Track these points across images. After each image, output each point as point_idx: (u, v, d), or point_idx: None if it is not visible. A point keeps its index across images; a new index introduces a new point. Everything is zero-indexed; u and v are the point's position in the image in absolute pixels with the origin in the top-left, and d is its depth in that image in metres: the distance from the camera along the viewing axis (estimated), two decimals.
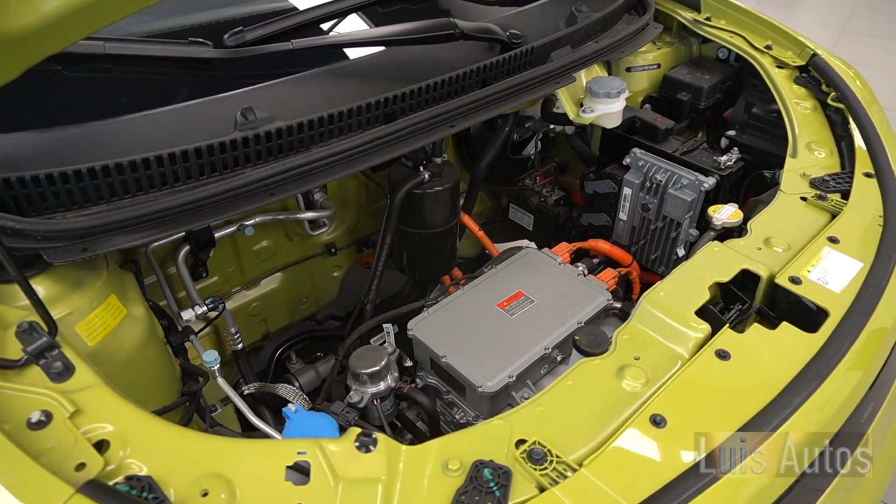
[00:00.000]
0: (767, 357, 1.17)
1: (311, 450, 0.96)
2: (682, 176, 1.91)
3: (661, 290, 1.31)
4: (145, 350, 1.36)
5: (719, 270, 1.37)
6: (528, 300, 1.87)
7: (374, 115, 1.46)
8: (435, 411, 1.69)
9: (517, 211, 2.52)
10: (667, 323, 1.24)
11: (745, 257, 1.41)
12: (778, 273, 1.37)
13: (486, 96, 1.56)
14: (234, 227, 1.82)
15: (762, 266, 1.38)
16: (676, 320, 1.24)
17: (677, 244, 2.00)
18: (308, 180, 1.34)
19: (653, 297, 1.29)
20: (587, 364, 1.19)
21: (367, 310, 2.03)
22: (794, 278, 1.34)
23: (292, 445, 0.97)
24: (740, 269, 1.37)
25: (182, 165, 1.27)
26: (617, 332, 1.25)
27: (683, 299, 1.29)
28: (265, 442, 0.96)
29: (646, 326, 1.25)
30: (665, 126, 2.11)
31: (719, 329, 1.24)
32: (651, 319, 1.26)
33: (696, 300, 1.28)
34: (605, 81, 1.82)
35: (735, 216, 1.62)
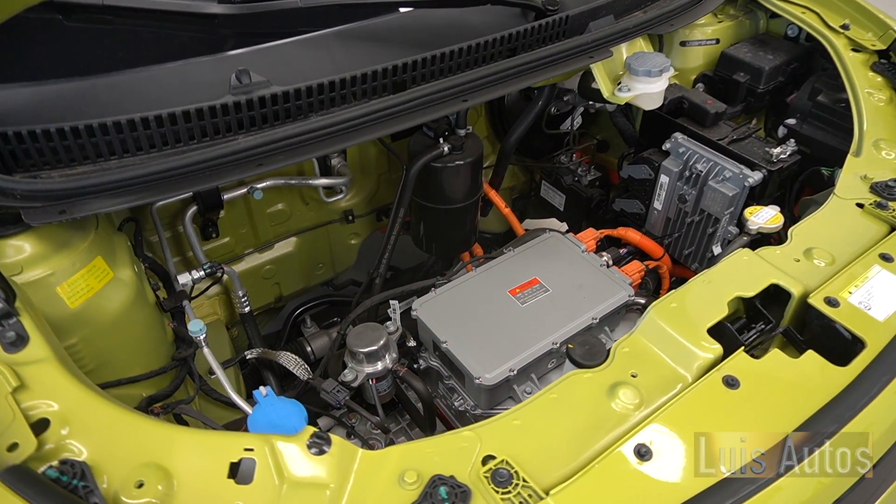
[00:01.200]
0: (782, 390, 1.04)
1: (259, 446, 0.91)
2: (726, 168, 1.73)
3: (674, 301, 1.18)
4: (132, 313, 1.34)
5: (745, 283, 1.22)
6: (543, 289, 1.76)
7: (381, 83, 1.36)
8: (430, 398, 1.62)
9: (549, 189, 2.38)
10: (674, 339, 1.12)
11: (777, 269, 1.25)
12: (814, 291, 1.21)
13: (505, 69, 1.43)
14: (243, 190, 1.77)
15: (796, 282, 1.23)
16: (685, 337, 1.12)
17: (714, 241, 1.83)
18: (302, 151, 1.26)
19: (662, 308, 1.16)
20: (578, 377, 1.08)
21: (376, 283, 1.97)
22: (831, 299, 1.18)
23: (240, 440, 0.91)
24: (769, 284, 1.22)
25: (170, 128, 1.21)
26: (616, 343, 1.14)
27: (697, 313, 1.15)
28: (212, 434, 0.92)
29: (650, 340, 1.13)
30: (715, 110, 1.92)
31: (734, 351, 1.11)
32: (657, 333, 1.13)
33: (712, 316, 1.15)
34: (646, 58, 1.64)
35: (774, 221, 1.45)
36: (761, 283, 1.22)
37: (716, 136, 1.90)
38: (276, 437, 0.93)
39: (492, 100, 1.76)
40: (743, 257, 1.28)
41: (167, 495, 0.84)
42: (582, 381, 1.07)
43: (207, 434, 0.92)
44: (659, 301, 1.18)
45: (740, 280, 1.23)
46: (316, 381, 1.62)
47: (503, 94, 1.46)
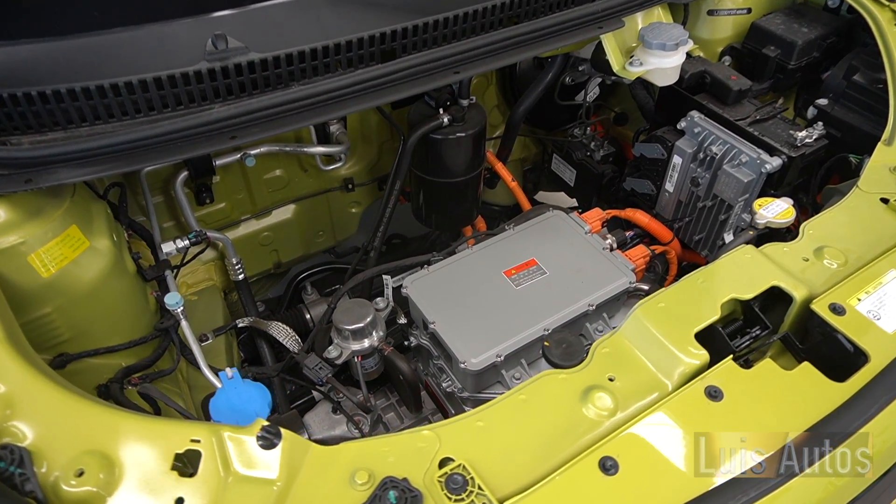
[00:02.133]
0: (769, 406, 0.96)
1: (206, 437, 0.88)
2: (743, 151, 1.61)
3: (662, 301, 1.10)
4: (109, 283, 1.32)
5: (744, 283, 1.13)
6: (540, 271, 1.69)
7: (367, 51, 1.27)
8: (415, 379, 1.59)
9: (560, 163, 2.27)
10: (658, 341, 1.05)
11: (781, 270, 1.16)
12: (819, 296, 1.12)
13: (503, 39, 1.33)
14: (236, 156, 1.72)
15: (800, 284, 1.14)
16: (671, 340, 1.04)
17: (726, 228, 1.73)
18: (279, 123, 1.20)
19: (649, 308, 1.09)
20: (551, 377, 1.02)
21: (371, 257, 1.92)
22: (837, 306, 1.09)
23: (188, 430, 0.89)
24: (770, 286, 1.13)
25: (142, 95, 1.15)
26: (597, 342, 1.07)
27: (687, 315, 1.08)
28: (160, 422, 0.89)
29: (632, 341, 1.06)
30: (739, 87, 1.78)
31: (723, 358, 1.03)
32: (640, 334, 1.06)
33: (702, 318, 1.07)
34: (662, 29, 1.52)
35: (784, 215, 1.34)
36: (761, 284, 1.13)
37: (737, 115, 1.77)
38: (224, 428, 0.90)
39: (502, 67, 1.66)
40: (745, 255, 1.19)
41: (108, 484, 0.82)
42: (555, 383, 1.02)
43: (155, 422, 0.89)
44: (646, 299, 1.10)
45: (739, 280, 1.14)
46: (300, 355, 1.60)
47: (500, 67, 1.36)
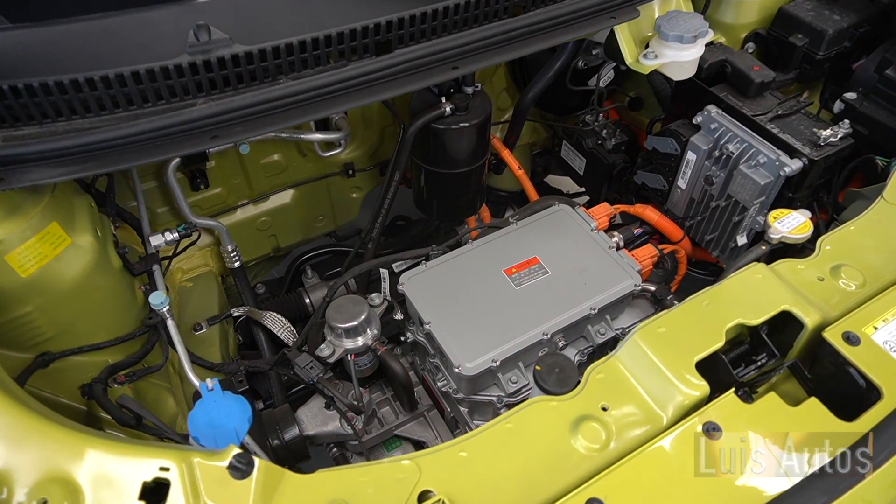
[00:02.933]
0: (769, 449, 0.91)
1: (176, 464, 0.85)
2: (761, 151, 1.52)
3: (663, 326, 1.04)
4: (93, 280, 1.28)
5: (751, 307, 1.07)
6: (542, 270, 1.63)
7: (361, 43, 1.19)
8: (409, 381, 1.55)
9: (570, 151, 2.18)
10: (656, 369, 0.99)
11: (793, 291, 1.09)
12: (833, 322, 1.05)
13: (507, 31, 1.24)
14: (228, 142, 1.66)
15: (813, 308, 1.07)
16: (670, 368, 0.98)
17: (739, 230, 1.65)
18: (264, 123, 1.13)
19: (648, 332, 1.03)
20: (541, 405, 0.97)
21: (368, 248, 1.87)
22: (851, 336, 1.02)
23: (157, 456, 0.85)
24: (780, 310, 1.06)
25: (120, 90, 1.09)
26: (592, 367, 1.02)
27: (688, 342, 1.02)
28: (129, 447, 0.85)
29: (628, 368, 1.00)
30: (761, 79, 1.68)
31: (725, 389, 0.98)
32: (638, 360, 1.01)
33: (705, 346, 1.01)
34: (680, 19, 1.41)
35: (800, 230, 1.26)
36: (771, 308, 1.06)
37: (758, 109, 1.67)
38: (195, 454, 0.86)
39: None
40: (756, 275, 1.11)
41: None
42: (545, 411, 0.97)
43: (123, 447, 0.86)
44: (647, 322, 1.04)
45: (747, 303, 1.07)
46: (292, 353, 1.56)
47: (501, 62, 1.28)
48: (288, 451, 1.56)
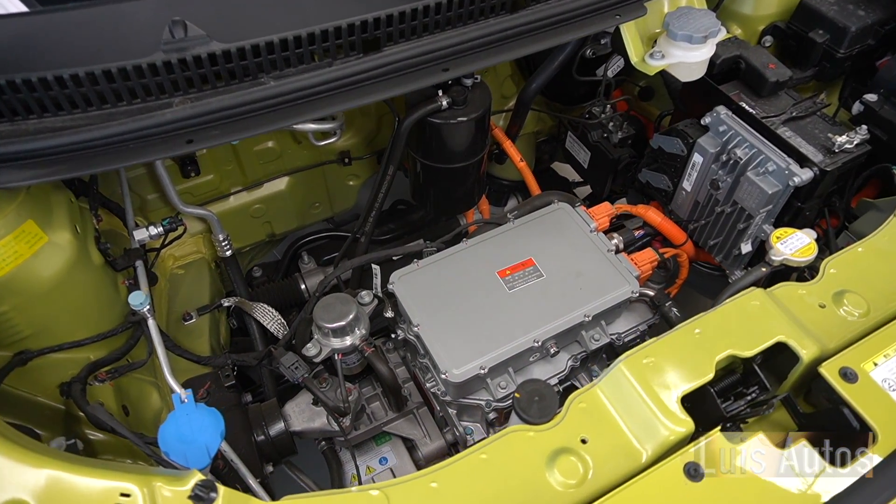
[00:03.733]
0: (755, 493, 0.87)
1: (139, 488, 0.83)
2: (770, 158, 1.44)
3: (651, 355, 0.99)
4: (73, 277, 1.25)
5: (745, 336, 1.02)
6: (536, 272, 1.58)
7: (347, 41, 1.13)
8: (395, 384, 1.52)
9: (574, 143, 2.11)
10: (639, 402, 0.95)
11: (790, 320, 1.04)
12: (830, 356, 1.00)
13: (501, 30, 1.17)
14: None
15: (810, 340, 1.01)
16: (654, 402, 0.94)
17: (744, 238, 1.58)
18: (241, 127, 1.08)
19: (634, 361, 0.98)
20: (518, 435, 0.94)
21: (361, 242, 1.83)
22: (848, 372, 0.97)
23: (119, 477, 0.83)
24: (775, 341, 1.01)
25: (91, 88, 1.04)
26: (573, 396, 0.98)
27: (675, 374, 0.97)
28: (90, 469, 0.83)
29: (611, 399, 0.96)
30: (776, 77, 1.59)
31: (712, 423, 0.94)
32: (622, 391, 0.96)
33: (693, 378, 0.96)
34: (690, 17, 1.33)
35: (804, 252, 1.19)
36: (766, 338, 1.01)
37: (771, 109, 1.59)
38: (158, 479, 0.84)
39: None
40: (752, 301, 1.06)
41: None
42: (522, 441, 0.93)
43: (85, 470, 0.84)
44: (633, 351, 1.00)
45: (740, 332, 1.02)
46: (278, 351, 1.54)
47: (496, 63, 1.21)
48: (273, 447, 1.54)
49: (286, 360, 1.50)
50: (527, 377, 1.55)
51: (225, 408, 1.57)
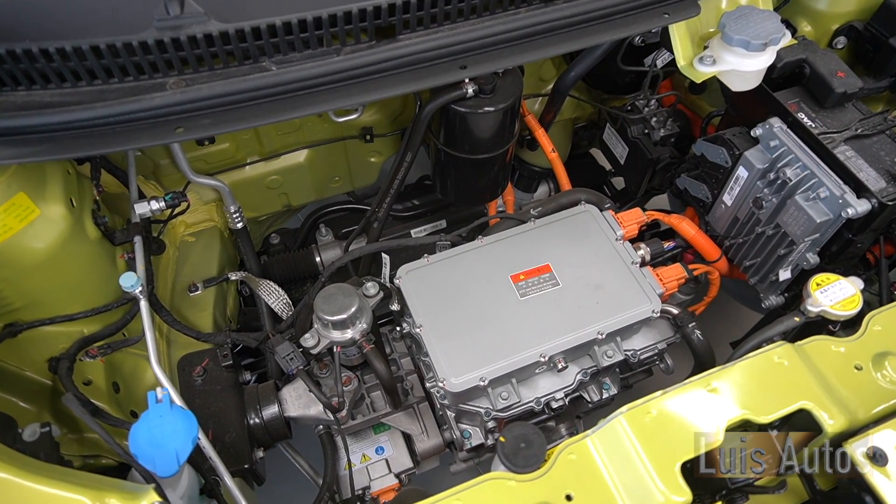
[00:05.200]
0: None
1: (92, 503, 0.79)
2: (823, 183, 1.29)
3: (655, 408, 0.90)
4: (66, 251, 1.21)
5: (764, 398, 0.91)
6: (552, 280, 1.49)
7: (357, 27, 1.03)
8: (392, 383, 1.47)
9: (612, 136, 1.96)
10: (636, 462, 0.86)
11: (818, 383, 0.92)
12: (860, 431, 0.89)
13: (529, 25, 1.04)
14: None
15: (838, 410, 0.90)
16: (653, 463, 0.85)
17: (783, 264, 1.45)
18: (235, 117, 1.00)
19: (636, 416, 0.89)
20: (497, 484, 0.87)
21: (374, 228, 1.75)
22: (878, 453, 0.86)
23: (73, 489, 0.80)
24: (797, 408, 0.90)
25: (80, 64, 0.97)
26: (563, 445, 0.90)
27: (680, 433, 0.88)
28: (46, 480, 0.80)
29: (604, 454, 0.88)
30: (844, 88, 1.42)
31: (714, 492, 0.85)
32: (618, 447, 0.88)
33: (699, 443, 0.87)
34: (751, 20, 1.17)
35: (847, 305, 1.06)
36: (787, 402, 0.90)
37: (834, 124, 1.43)
38: (112, 495, 0.80)
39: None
40: (778, 358, 0.95)
41: None
42: (501, 491, 0.86)
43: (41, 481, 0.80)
44: (637, 403, 0.90)
45: (760, 393, 0.91)
46: (275, 338, 1.49)
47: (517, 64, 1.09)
48: (266, 431, 1.52)
49: (282, 349, 1.45)
50: (531, 389, 1.48)
51: (220, 387, 1.56)
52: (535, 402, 1.45)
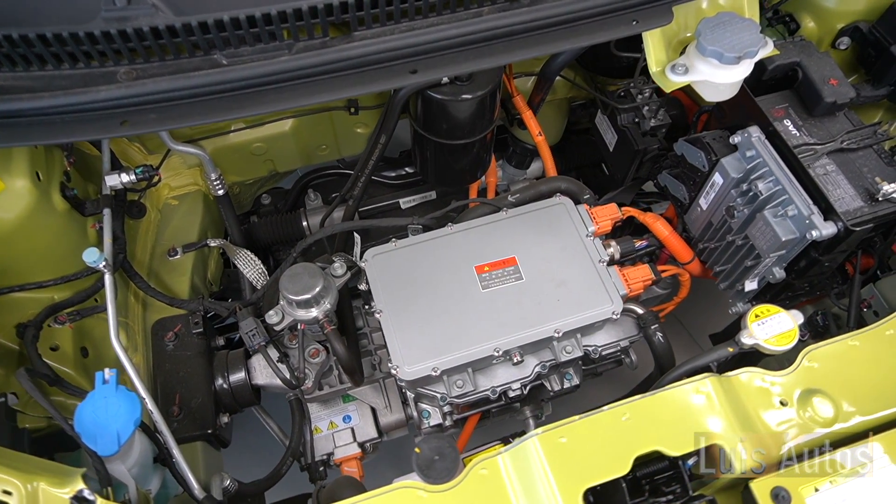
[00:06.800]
0: None
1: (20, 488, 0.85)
2: (793, 201, 1.25)
3: (566, 434, 0.92)
4: (33, 223, 1.25)
5: (679, 431, 0.92)
6: (516, 274, 1.50)
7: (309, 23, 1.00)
8: (350, 364, 1.51)
9: (603, 121, 1.91)
10: (543, 484, 0.89)
11: (737, 418, 0.93)
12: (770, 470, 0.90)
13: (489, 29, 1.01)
14: None
15: (752, 447, 0.92)
16: (559, 487, 0.88)
17: (750, 276, 1.43)
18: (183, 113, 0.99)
19: (549, 439, 0.91)
20: (408, 493, 0.90)
21: (349, 206, 1.75)
22: (781, 493, 0.88)
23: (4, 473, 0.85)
24: (710, 444, 0.92)
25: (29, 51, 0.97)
26: (478, 459, 0.93)
27: (589, 460, 0.90)
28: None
29: (514, 473, 0.91)
30: (835, 98, 1.36)
31: None
32: (527, 467, 0.90)
33: (605, 470, 0.89)
34: (727, 29, 1.11)
35: (783, 340, 1.04)
36: (700, 437, 0.92)
37: (819, 134, 1.38)
38: (41, 478, 0.86)
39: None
40: (699, 390, 0.95)
41: None
42: (411, 500, 0.90)
43: None
44: (551, 427, 0.92)
45: (674, 425, 0.93)
46: (240, 312, 1.53)
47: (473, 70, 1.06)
48: (233, 397, 1.58)
49: (245, 325, 1.50)
50: (489, 377, 1.51)
51: (191, 353, 1.61)
52: (491, 391, 1.48)
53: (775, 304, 1.59)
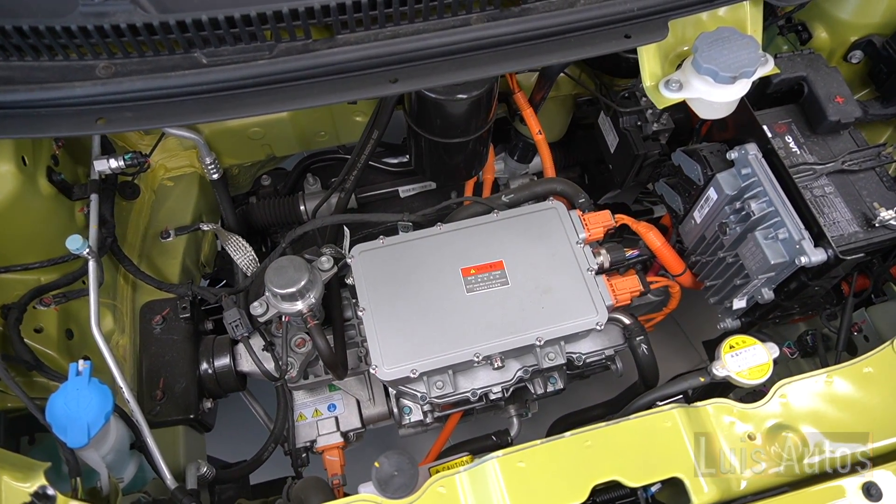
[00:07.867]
0: None
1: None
2: (784, 224, 1.22)
3: (525, 459, 0.91)
4: (18, 206, 1.25)
5: (640, 462, 0.92)
6: (502, 278, 1.48)
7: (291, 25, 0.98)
8: (333, 360, 1.51)
9: (606, 122, 1.86)
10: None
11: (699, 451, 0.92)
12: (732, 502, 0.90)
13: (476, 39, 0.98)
14: None
15: (712, 482, 0.91)
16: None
17: (738, 294, 1.40)
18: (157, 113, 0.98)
19: (508, 462, 0.91)
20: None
21: (341, 197, 1.74)
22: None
23: None
24: (670, 476, 0.91)
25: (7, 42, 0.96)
26: (435, 478, 0.93)
27: (547, 486, 0.90)
28: None
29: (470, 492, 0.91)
30: (838, 117, 1.32)
31: None
32: (484, 489, 0.90)
33: (560, 498, 0.89)
34: (724, 46, 1.07)
35: (755, 373, 1.02)
36: (661, 471, 0.91)
37: (821, 153, 1.34)
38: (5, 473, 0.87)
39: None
40: (665, 422, 0.94)
41: None
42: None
43: None
44: (512, 450, 0.92)
45: (635, 456, 0.92)
46: (225, 301, 1.54)
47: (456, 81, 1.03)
48: (217, 382, 1.59)
49: (229, 315, 1.50)
50: (469, 379, 1.51)
51: (177, 338, 1.63)
52: (472, 394, 1.48)
53: (765, 321, 1.59)
